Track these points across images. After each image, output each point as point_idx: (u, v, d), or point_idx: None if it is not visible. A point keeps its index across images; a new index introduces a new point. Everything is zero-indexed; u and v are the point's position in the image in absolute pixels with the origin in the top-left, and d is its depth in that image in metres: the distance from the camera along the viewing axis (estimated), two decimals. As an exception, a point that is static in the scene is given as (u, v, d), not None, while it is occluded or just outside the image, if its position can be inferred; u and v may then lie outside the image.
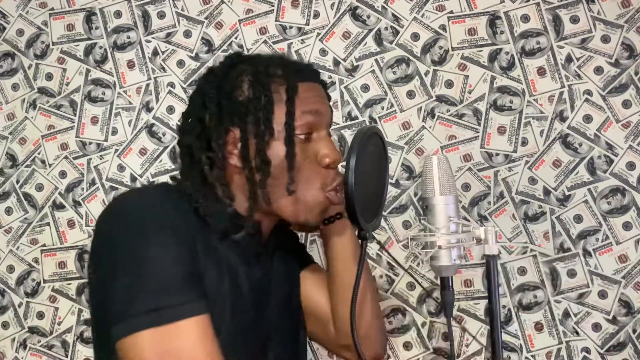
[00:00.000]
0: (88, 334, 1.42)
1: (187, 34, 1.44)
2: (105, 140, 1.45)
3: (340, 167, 0.89)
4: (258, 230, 0.89)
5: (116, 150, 1.44)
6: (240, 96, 0.86)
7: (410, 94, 1.37)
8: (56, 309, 1.44)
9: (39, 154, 1.46)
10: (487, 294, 0.85)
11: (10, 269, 1.46)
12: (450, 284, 0.88)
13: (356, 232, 0.93)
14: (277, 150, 0.85)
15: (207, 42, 1.43)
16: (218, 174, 0.87)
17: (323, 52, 1.40)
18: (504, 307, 1.32)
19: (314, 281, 1.02)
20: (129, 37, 1.45)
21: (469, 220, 1.34)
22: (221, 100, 0.86)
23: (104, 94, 1.45)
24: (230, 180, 0.87)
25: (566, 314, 1.31)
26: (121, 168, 1.44)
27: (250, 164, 0.85)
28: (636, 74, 1.31)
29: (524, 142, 1.34)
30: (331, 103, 0.95)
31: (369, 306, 0.99)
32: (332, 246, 0.98)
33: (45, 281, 1.44)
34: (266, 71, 0.87)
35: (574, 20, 1.34)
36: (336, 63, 1.39)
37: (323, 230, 0.99)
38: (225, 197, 0.87)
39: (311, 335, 1.04)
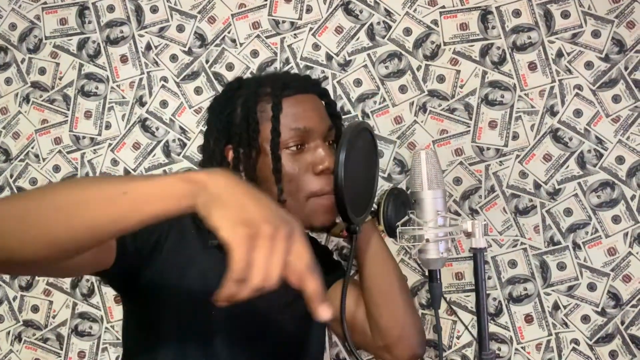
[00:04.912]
0: (82, 327, 1.43)
1: (180, 29, 1.44)
2: (99, 134, 1.45)
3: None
4: None
5: (110, 144, 1.45)
6: (235, 119, 0.93)
7: (403, 89, 1.38)
8: (51, 302, 1.44)
9: (32, 148, 1.47)
10: (475, 287, 0.86)
11: (5, 262, 1.46)
12: (438, 277, 0.90)
13: (346, 226, 0.94)
14: (266, 165, 0.89)
15: (200, 37, 1.43)
16: None
17: (316, 47, 1.40)
18: (495, 299, 1.34)
19: (350, 295, 1.01)
20: (122, 32, 1.46)
21: (459, 214, 1.35)
22: (218, 125, 0.94)
23: (97, 88, 1.46)
24: None
25: (556, 306, 1.32)
26: (115, 162, 1.45)
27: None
28: (626, 69, 1.32)
29: (515, 137, 1.35)
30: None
31: (400, 306, 1.00)
32: (361, 253, 0.99)
33: (39, 275, 1.45)
34: (256, 91, 0.93)
35: (565, 15, 1.34)
36: (329, 58, 1.40)
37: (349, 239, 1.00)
38: None
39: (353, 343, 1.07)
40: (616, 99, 1.32)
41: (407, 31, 1.38)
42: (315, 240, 1.03)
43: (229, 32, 1.42)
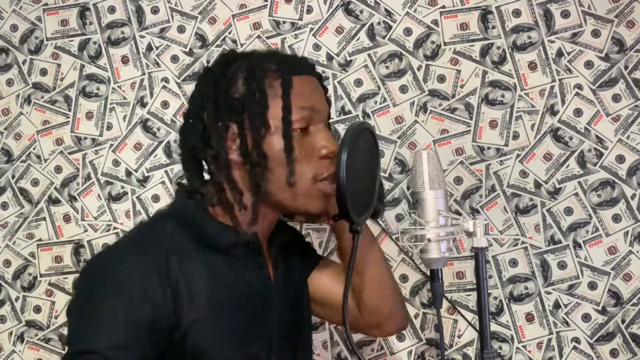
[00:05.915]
0: (85, 327, 1.43)
1: (181, 29, 1.44)
2: (100, 135, 1.46)
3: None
4: (257, 241, 0.91)
5: (111, 145, 1.45)
6: (236, 93, 0.88)
7: (403, 89, 1.38)
8: (53, 302, 1.45)
9: (34, 149, 1.47)
10: (476, 286, 0.86)
11: (7, 263, 1.47)
12: (440, 276, 0.90)
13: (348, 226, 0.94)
14: (273, 144, 0.86)
15: (201, 38, 1.44)
16: (223, 171, 0.89)
17: (316, 47, 1.41)
18: (496, 298, 1.34)
19: (330, 276, 1.06)
20: (123, 33, 1.46)
21: (460, 214, 1.35)
22: (218, 98, 0.88)
23: (98, 89, 1.46)
24: (236, 177, 0.89)
25: (556, 305, 1.33)
26: (116, 163, 1.45)
27: (249, 158, 0.87)
28: (626, 68, 1.33)
29: (515, 136, 1.35)
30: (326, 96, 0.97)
31: (389, 287, 1.06)
32: (346, 240, 1.00)
33: (41, 275, 1.46)
34: (260, 66, 0.89)
35: (565, 14, 1.35)
36: (329, 58, 1.40)
37: (334, 226, 1.01)
38: (234, 194, 0.88)
39: (339, 323, 1.17)
40: (616, 98, 1.33)
41: (408, 31, 1.38)
42: (290, 227, 1.03)
43: (229, 33, 1.43)
